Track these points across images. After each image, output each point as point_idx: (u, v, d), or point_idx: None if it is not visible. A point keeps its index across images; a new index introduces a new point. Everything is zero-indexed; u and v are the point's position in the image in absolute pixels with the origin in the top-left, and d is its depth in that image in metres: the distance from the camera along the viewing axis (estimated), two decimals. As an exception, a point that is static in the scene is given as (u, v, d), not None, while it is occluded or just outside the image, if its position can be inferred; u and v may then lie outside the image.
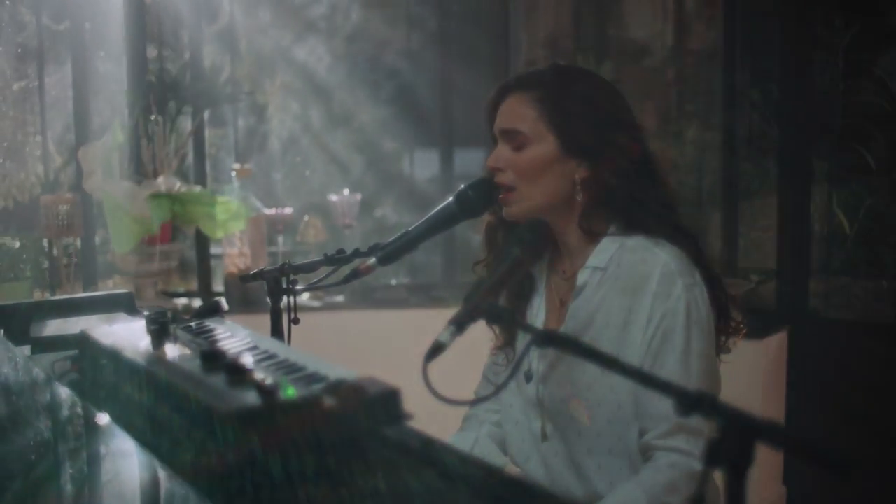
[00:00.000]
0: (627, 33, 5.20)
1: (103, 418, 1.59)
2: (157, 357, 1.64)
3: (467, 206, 2.19)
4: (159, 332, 1.76)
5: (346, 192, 4.54)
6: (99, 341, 1.76)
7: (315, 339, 2.72)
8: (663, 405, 2.01)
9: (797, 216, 4.08)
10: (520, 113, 2.15)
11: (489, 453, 2.32)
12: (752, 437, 1.37)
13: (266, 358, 1.63)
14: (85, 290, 4.13)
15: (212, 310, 1.98)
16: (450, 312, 4.42)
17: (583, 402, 2.11)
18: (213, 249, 4.53)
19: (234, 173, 4.31)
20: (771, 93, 4.45)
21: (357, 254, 2.23)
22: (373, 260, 2.17)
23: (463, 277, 4.74)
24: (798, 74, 4.11)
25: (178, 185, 4.00)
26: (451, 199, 2.21)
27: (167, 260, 4.17)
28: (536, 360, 2.20)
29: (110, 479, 1.67)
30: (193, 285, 4.66)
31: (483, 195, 2.19)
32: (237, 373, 1.51)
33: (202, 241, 4.42)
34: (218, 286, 4.52)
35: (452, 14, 4.80)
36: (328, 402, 1.43)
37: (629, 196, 2.12)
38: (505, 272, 2.00)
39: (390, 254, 2.18)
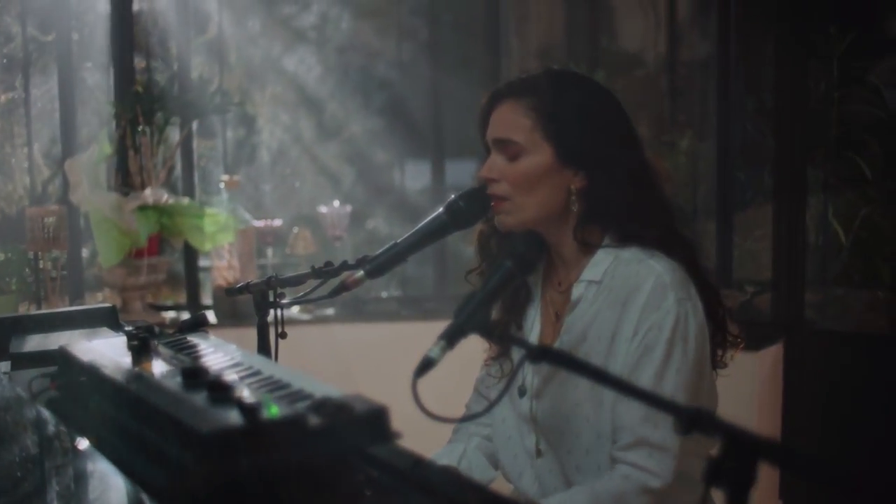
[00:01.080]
0: (620, 43, 5.18)
1: (80, 439, 1.54)
2: (136, 374, 1.59)
3: (458, 217, 2.14)
4: (140, 347, 1.71)
5: (336, 203, 4.50)
6: (78, 357, 1.71)
7: (305, 353, 2.68)
8: (630, 416, 1.98)
9: (793, 226, 4.04)
10: (514, 122, 2.10)
11: (477, 466, 2.27)
12: (754, 456, 1.32)
13: (250, 375, 1.58)
14: (71, 304, 4.08)
15: (196, 324, 1.93)
16: (442, 325, 4.38)
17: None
18: (202, 262, 4.48)
19: (222, 185, 4.27)
20: (765, 102, 4.42)
21: (345, 266, 2.18)
22: (361, 272, 2.12)
23: (454, 290, 4.69)
24: (793, 83, 4.07)
25: (165, 197, 3.95)
26: (441, 210, 2.15)
27: (155, 273, 4.12)
28: (531, 375, 2.15)
29: (95, 498, 1.62)
30: (181, 298, 4.61)
31: (474, 206, 2.13)
32: (219, 391, 1.46)
33: (190, 254, 4.38)
34: (206, 299, 4.47)
35: (443, 24, 4.77)
36: (313, 421, 1.38)
37: (626, 206, 2.06)
38: (496, 285, 1.95)
39: (379, 266, 2.12)
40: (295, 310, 4.26)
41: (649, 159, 2.15)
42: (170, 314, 4.43)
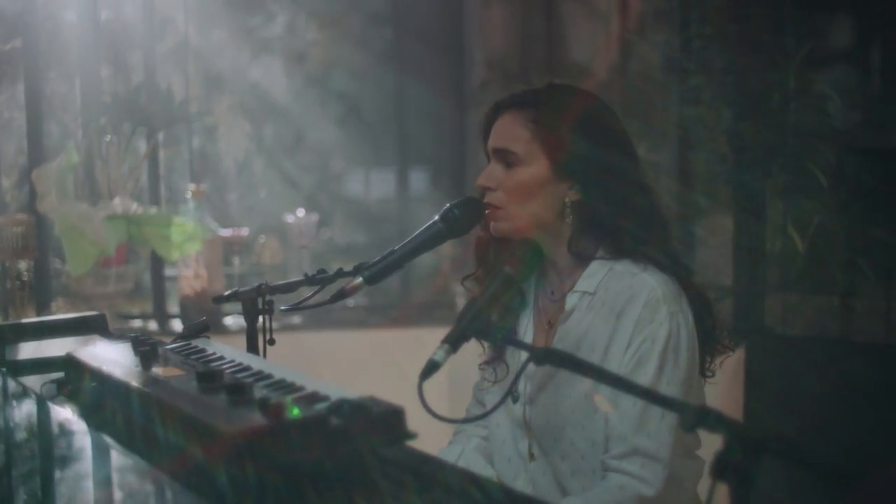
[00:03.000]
0: (571, 53, 5.23)
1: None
2: (152, 378, 1.62)
3: (453, 225, 2.18)
4: (149, 353, 1.74)
5: (301, 212, 4.54)
6: (88, 363, 1.73)
7: (274, 361, 2.71)
8: (623, 426, 2.05)
9: (752, 235, 4.14)
10: (513, 132, 2.15)
11: (475, 466, 2.31)
12: (758, 450, 1.39)
13: (262, 378, 1.62)
14: (38, 314, 4.07)
15: (199, 330, 1.97)
16: (407, 332, 4.41)
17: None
18: (167, 271, 4.49)
19: (189, 194, 4.28)
20: (721, 112, 4.51)
21: (340, 273, 2.22)
22: (359, 279, 2.16)
23: (419, 297, 4.74)
24: (750, 94, 4.18)
25: (134, 207, 3.96)
26: (436, 217, 2.20)
27: (123, 282, 4.12)
28: (524, 381, 2.20)
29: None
30: (143, 307, 4.60)
31: (469, 214, 2.18)
32: (238, 393, 1.50)
33: (157, 263, 4.38)
34: (172, 308, 4.47)
35: (407, 33, 4.82)
36: (334, 421, 1.42)
37: (619, 221, 2.12)
38: (497, 291, 2.00)
39: (377, 273, 2.16)
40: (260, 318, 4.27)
41: (645, 174, 2.21)
42: (136, 323, 4.44)
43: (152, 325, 4.41)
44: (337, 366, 4.05)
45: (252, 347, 2.34)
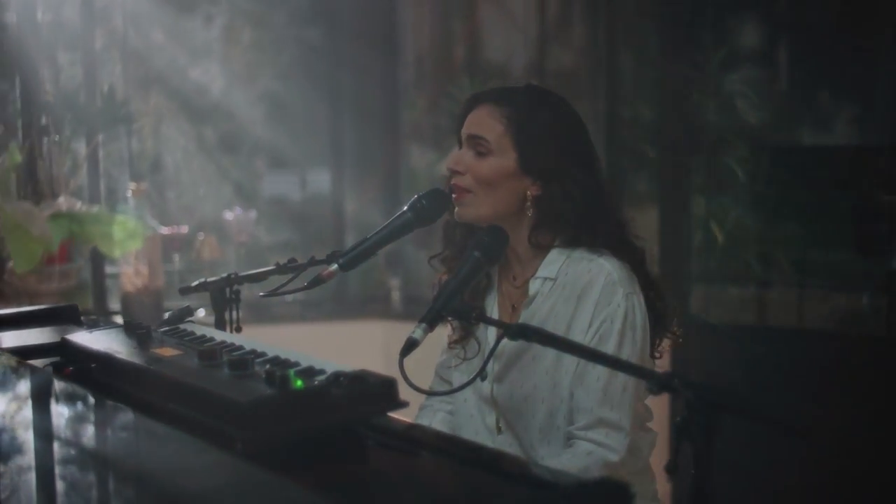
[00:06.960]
0: (490, 54, 5.37)
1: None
2: (154, 358, 1.73)
3: (421, 215, 2.32)
4: (145, 336, 1.85)
5: (238, 209, 4.64)
6: (88, 347, 1.83)
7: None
8: (588, 399, 2.22)
9: (677, 228, 4.33)
10: (488, 124, 2.30)
11: None
12: (719, 409, 1.54)
13: (257, 355, 1.73)
14: (-18, 312, 4.09)
15: (183, 316, 2.07)
16: (343, 326, 4.54)
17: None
18: (109, 268, 4.54)
19: (129, 192, 4.35)
20: (643, 111, 4.69)
21: (312, 262, 2.34)
22: (335, 266, 2.29)
23: (354, 291, 4.87)
24: (670, 93, 4.37)
25: (78, 205, 4.03)
26: (405, 208, 2.34)
27: (66, 279, 4.18)
28: (492, 360, 2.34)
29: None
30: (85, 304, 4.63)
31: (436, 204, 2.32)
32: (241, 368, 1.61)
33: (98, 261, 4.44)
34: (114, 304, 4.53)
35: (339, 33, 4.94)
36: (335, 391, 1.55)
37: (576, 217, 2.28)
38: (467, 274, 2.15)
39: (351, 260, 2.29)
40: (201, 313, 4.35)
41: (604, 178, 2.39)
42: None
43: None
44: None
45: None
